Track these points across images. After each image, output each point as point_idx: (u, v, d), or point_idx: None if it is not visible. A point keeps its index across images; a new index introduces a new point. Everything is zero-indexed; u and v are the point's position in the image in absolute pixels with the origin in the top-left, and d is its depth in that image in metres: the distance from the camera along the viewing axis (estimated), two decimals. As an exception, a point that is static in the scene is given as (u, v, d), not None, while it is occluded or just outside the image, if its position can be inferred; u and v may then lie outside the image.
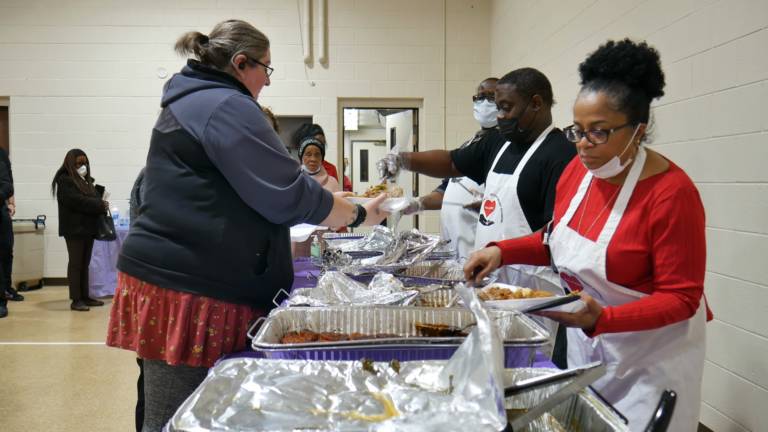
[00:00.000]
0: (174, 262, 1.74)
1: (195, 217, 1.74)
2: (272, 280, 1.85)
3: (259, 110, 1.80)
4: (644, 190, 1.69)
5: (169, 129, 1.79)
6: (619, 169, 1.70)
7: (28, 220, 7.68)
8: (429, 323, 1.61)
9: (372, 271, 2.23)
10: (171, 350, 1.73)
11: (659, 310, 1.60)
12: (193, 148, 1.74)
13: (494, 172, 2.58)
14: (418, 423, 0.80)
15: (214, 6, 7.64)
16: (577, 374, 1.03)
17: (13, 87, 7.73)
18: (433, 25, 7.85)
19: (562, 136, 2.43)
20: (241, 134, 1.72)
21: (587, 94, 1.67)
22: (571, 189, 1.91)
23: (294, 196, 1.74)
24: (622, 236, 1.68)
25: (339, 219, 1.92)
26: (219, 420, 0.87)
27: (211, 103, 1.75)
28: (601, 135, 1.64)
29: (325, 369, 1.08)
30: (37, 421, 3.57)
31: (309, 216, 1.79)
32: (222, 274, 1.76)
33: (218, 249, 1.75)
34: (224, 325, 1.77)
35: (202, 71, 1.85)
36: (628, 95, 1.64)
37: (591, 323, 1.57)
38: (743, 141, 2.86)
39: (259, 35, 1.98)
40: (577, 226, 1.81)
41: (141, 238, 1.80)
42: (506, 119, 2.46)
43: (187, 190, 1.76)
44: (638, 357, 1.75)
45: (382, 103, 8.28)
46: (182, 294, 1.74)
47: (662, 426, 0.89)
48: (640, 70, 1.63)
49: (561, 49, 5.30)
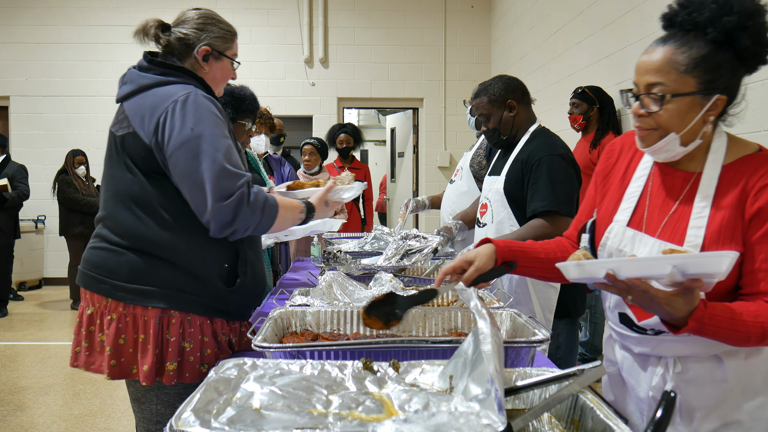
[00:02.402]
0: (140, 277, 1.63)
1: (154, 230, 1.63)
2: (246, 291, 1.74)
3: (214, 111, 1.65)
4: (734, 174, 1.31)
5: (122, 131, 1.67)
6: (679, 150, 1.32)
7: (28, 220, 7.68)
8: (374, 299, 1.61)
9: (372, 271, 2.23)
10: (145, 369, 1.62)
11: (762, 320, 1.21)
12: (144, 153, 1.62)
13: (488, 176, 2.62)
14: (418, 423, 0.80)
15: (213, 6, 7.63)
16: (577, 374, 1.03)
17: (13, 87, 7.73)
18: (433, 25, 7.85)
19: (545, 132, 2.46)
20: (182, 137, 1.58)
21: (652, 48, 1.31)
22: (619, 178, 1.50)
23: (230, 214, 1.57)
24: (716, 236, 1.28)
25: (286, 223, 1.77)
26: (219, 420, 0.87)
27: (164, 102, 1.62)
28: (656, 101, 1.28)
29: (325, 369, 1.08)
30: (37, 421, 3.57)
31: (250, 231, 1.64)
32: (192, 286, 1.65)
33: (183, 262, 1.65)
34: (201, 338, 1.68)
35: (158, 65, 1.71)
36: (705, 54, 1.26)
37: (682, 312, 1.17)
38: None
39: (226, 26, 1.82)
40: (641, 226, 1.40)
41: (102, 251, 1.68)
42: (489, 130, 2.53)
43: (143, 201, 1.64)
44: (727, 404, 1.34)
45: (382, 103, 8.28)
46: (151, 309, 1.63)
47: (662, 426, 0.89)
48: (729, 23, 1.24)
49: (561, 49, 5.30)
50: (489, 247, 1.47)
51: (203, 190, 1.56)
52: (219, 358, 1.71)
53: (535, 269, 1.54)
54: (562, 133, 3.19)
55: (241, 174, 1.60)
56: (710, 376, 1.33)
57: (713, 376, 1.33)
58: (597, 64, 4.51)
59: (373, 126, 12.50)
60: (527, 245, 1.55)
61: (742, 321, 1.19)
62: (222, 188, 1.56)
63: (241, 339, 1.81)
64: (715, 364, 1.33)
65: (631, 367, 1.46)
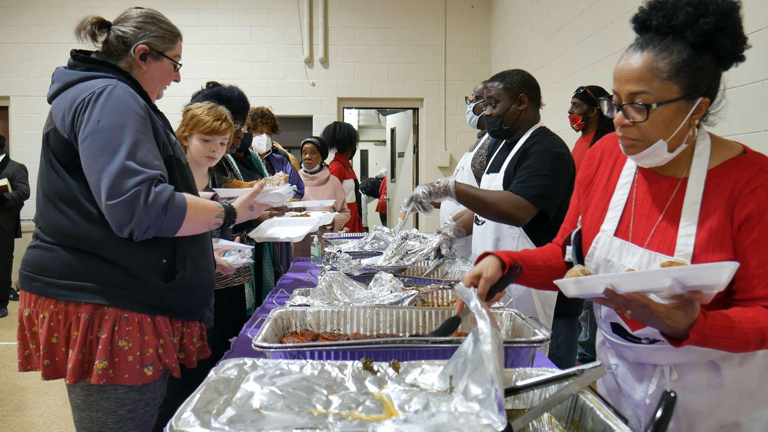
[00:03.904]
0: (72, 273, 1.58)
1: (82, 226, 1.58)
2: (186, 287, 1.67)
3: (130, 105, 1.57)
4: (720, 179, 1.28)
5: (46, 129, 1.64)
6: (666, 156, 1.29)
7: (28, 220, 7.67)
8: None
9: (372, 271, 2.23)
10: (69, 367, 1.57)
11: (761, 325, 1.19)
12: (64, 148, 1.58)
13: (486, 173, 2.63)
14: (418, 423, 0.80)
15: (214, 6, 7.63)
16: (577, 374, 1.03)
17: (13, 87, 7.73)
18: (433, 25, 7.85)
19: (546, 132, 2.48)
20: (88, 129, 1.53)
21: (630, 55, 1.28)
22: (602, 186, 1.47)
23: (124, 213, 1.50)
24: (706, 244, 1.25)
25: (199, 226, 1.66)
26: (219, 420, 0.87)
27: (81, 95, 1.58)
28: (641, 110, 1.25)
29: (325, 369, 1.08)
30: (37, 421, 3.57)
31: (152, 231, 1.55)
32: (126, 282, 1.60)
33: (115, 257, 1.59)
34: (141, 336, 1.61)
35: (83, 62, 1.68)
36: (685, 59, 1.23)
37: (683, 325, 1.14)
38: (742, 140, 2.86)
39: (168, 26, 1.76)
40: (628, 236, 1.37)
41: (36, 250, 1.65)
42: (492, 116, 2.54)
43: (67, 197, 1.59)
44: (724, 408, 1.33)
45: (382, 103, 8.28)
46: (83, 305, 1.58)
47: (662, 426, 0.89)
48: (707, 25, 1.21)
49: (561, 49, 5.30)
50: (492, 258, 1.45)
51: (99, 185, 1.51)
52: (164, 360, 1.66)
53: (534, 277, 1.53)
54: (562, 133, 3.19)
55: (140, 171, 1.51)
56: (707, 381, 1.32)
57: (710, 381, 1.32)
58: (597, 64, 4.51)
59: (373, 126, 12.51)
60: (524, 254, 1.54)
61: (741, 329, 1.18)
62: (116, 185, 1.49)
63: (182, 340, 1.74)
64: (711, 370, 1.32)
65: (625, 375, 1.45)
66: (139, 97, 1.62)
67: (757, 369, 1.33)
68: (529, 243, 2.42)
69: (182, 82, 1.92)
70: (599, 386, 1.56)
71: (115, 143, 1.52)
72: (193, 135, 2.37)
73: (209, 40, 7.49)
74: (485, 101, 2.59)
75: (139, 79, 1.72)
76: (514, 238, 2.46)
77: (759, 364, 1.33)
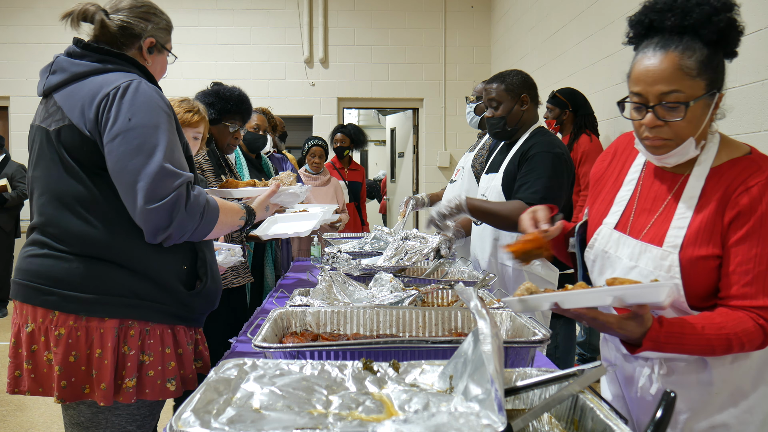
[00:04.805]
0: (94, 285, 1.47)
1: (103, 232, 1.48)
2: (208, 293, 1.62)
3: (158, 103, 1.49)
4: (720, 177, 1.30)
5: (55, 125, 1.50)
6: (692, 154, 1.30)
7: (27, 220, 7.67)
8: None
9: (372, 271, 2.23)
10: (102, 388, 1.46)
11: (726, 331, 1.20)
12: (86, 147, 1.47)
13: (485, 173, 2.63)
14: (418, 423, 0.80)
15: (214, 6, 7.63)
16: (577, 374, 1.03)
17: (13, 87, 7.72)
18: (433, 25, 7.84)
19: (545, 132, 2.48)
20: (118, 127, 1.43)
21: (651, 56, 1.27)
22: (611, 182, 1.50)
23: (164, 217, 1.42)
24: (694, 237, 1.28)
25: (225, 229, 1.62)
26: (219, 420, 0.87)
27: (104, 88, 1.47)
28: (677, 109, 1.25)
29: (325, 369, 1.08)
30: (37, 421, 3.57)
31: (186, 237, 1.49)
32: (152, 293, 1.51)
33: (141, 266, 1.50)
34: (162, 349, 1.54)
35: (94, 51, 1.55)
36: (707, 56, 1.25)
37: (635, 334, 1.18)
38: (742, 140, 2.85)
39: (166, 17, 1.68)
40: (626, 229, 1.40)
41: (46, 259, 1.50)
42: (494, 117, 2.53)
43: (89, 201, 1.48)
44: (713, 407, 1.32)
45: (382, 103, 8.27)
46: (108, 321, 1.47)
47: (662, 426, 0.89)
48: (721, 22, 1.24)
49: (561, 50, 5.30)
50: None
51: (134, 188, 1.42)
52: (181, 373, 1.59)
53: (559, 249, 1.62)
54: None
55: (179, 174, 1.45)
56: (696, 378, 1.32)
57: (699, 378, 1.32)
58: (597, 64, 4.51)
59: (373, 126, 12.50)
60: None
61: (703, 335, 1.19)
62: (155, 188, 1.41)
63: (197, 347, 1.70)
64: (701, 367, 1.32)
65: (623, 367, 1.46)
66: (163, 95, 1.55)
67: (751, 370, 1.32)
68: None
69: (182, 82, 1.91)
70: (603, 382, 1.56)
71: (151, 144, 1.43)
72: None
73: (209, 40, 7.48)
74: (485, 103, 2.59)
75: None
76: (513, 238, 2.46)
77: (753, 366, 1.32)
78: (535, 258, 1.44)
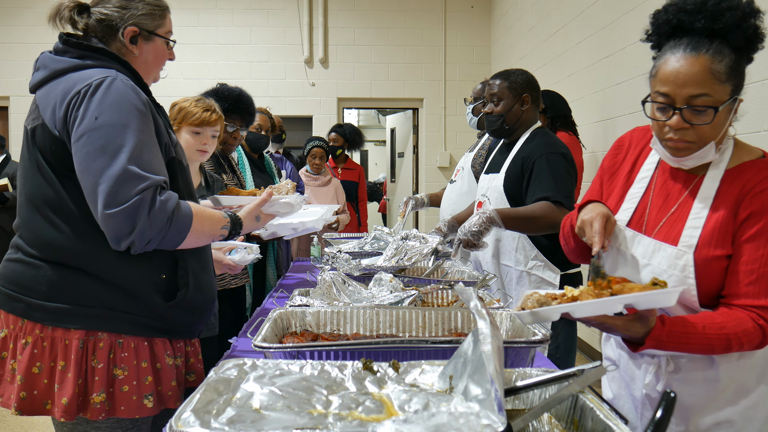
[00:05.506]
0: (61, 294, 1.40)
1: (73, 239, 1.40)
2: (189, 305, 1.52)
3: (131, 101, 1.40)
4: (734, 179, 1.31)
5: (31, 124, 1.44)
6: (711, 157, 1.31)
7: (28, 220, 7.70)
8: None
9: (372, 271, 2.23)
10: (63, 402, 1.38)
11: (726, 331, 1.22)
12: (55, 147, 1.40)
13: (484, 173, 2.63)
14: (418, 423, 0.80)
15: (214, 6, 7.63)
16: (577, 374, 1.03)
17: (13, 87, 7.72)
18: (433, 25, 7.84)
19: (545, 132, 2.49)
20: (84, 127, 1.35)
21: (681, 57, 1.25)
22: (623, 176, 1.49)
23: (125, 223, 1.32)
24: (709, 237, 1.29)
25: (203, 238, 1.50)
26: (219, 420, 0.87)
27: (76, 86, 1.39)
28: (704, 113, 1.24)
29: (325, 369, 1.08)
30: (37, 421, 3.57)
31: (154, 244, 1.39)
32: (123, 303, 1.43)
33: (111, 275, 1.42)
34: (138, 363, 1.44)
35: (74, 47, 1.47)
36: (734, 61, 1.26)
37: (639, 334, 1.21)
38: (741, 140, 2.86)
39: (151, 1, 1.56)
40: (641, 227, 1.40)
41: (17, 265, 1.44)
42: (493, 114, 2.53)
43: (57, 205, 1.41)
44: (719, 404, 1.33)
45: (382, 104, 8.28)
46: (74, 331, 1.40)
47: (662, 426, 0.89)
48: (749, 28, 1.25)
49: (561, 50, 5.30)
50: (597, 203, 1.43)
51: (96, 191, 1.33)
52: (160, 389, 1.49)
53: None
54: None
55: (144, 177, 1.34)
56: (702, 375, 1.33)
57: (705, 375, 1.33)
58: (597, 64, 4.51)
59: (373, 126, 12.51)
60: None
61: (704, 335, 1.22)
62: (116, 192, 1.32)
63: (188, 360, 1.61)
64: (707, 364, 1.33)
65: (626, 365, 1.46)
66: (141, 92, 1.45)
67: (756, 368, 1.33)
68: (528, 241, 2.43)
69: (182, 82, 1.89)
70: (603, 381, 1.57)
71: (116, 144, 1.34)
72: (182, 129, 2.25)
73: (209, 40, 7.49)
74: (487, 98, 2.58)
75: (132, 65, 1.54)
76: (514, 237, 2.46)
77: (758, 363, 1.33)
78: None
